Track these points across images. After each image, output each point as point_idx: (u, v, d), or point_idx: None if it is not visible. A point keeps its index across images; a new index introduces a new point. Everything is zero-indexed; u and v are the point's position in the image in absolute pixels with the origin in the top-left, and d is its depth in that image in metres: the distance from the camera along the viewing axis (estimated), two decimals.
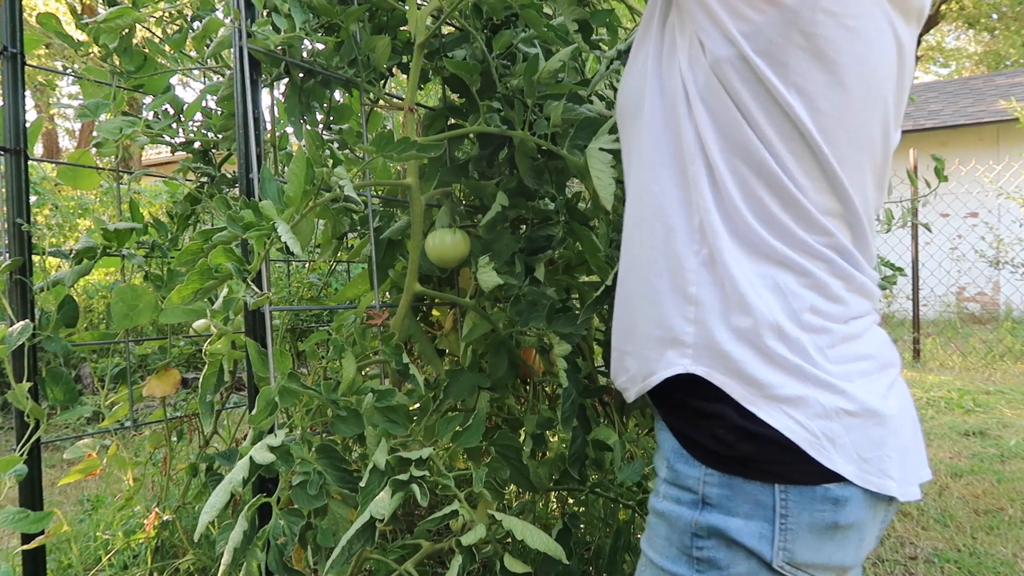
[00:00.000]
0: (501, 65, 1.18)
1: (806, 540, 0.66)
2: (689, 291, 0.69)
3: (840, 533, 0.66)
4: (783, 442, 0.65)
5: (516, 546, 1.46)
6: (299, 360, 2.26)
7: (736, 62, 0.66)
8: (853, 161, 0.68)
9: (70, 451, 1.47)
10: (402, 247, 1.39)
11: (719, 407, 0.67)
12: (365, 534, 0.91)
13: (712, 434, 0.68)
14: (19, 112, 1.33)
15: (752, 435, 0.66)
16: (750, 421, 0.66)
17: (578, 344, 1.39)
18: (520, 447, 1.17)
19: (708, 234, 0.69)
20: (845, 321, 0.69)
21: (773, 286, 0.67)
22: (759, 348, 0.66)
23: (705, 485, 0.69)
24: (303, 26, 1.08)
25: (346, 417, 0.99)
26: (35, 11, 7.56)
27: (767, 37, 0.64)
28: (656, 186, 0.73)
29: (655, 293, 0.73)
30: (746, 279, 0.67)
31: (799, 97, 0.65)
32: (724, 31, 0.66)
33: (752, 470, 0.66)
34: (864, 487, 0.65)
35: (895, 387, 0.72)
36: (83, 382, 4.19)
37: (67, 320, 1.35)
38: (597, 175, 0.96)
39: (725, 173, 0.68)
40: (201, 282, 0.88)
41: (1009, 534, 2.35)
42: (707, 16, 0.67)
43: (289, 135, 1.66)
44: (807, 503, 0.65)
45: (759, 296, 0.66)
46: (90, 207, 5.07)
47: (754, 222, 0.67)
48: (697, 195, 0.69)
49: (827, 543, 0.66)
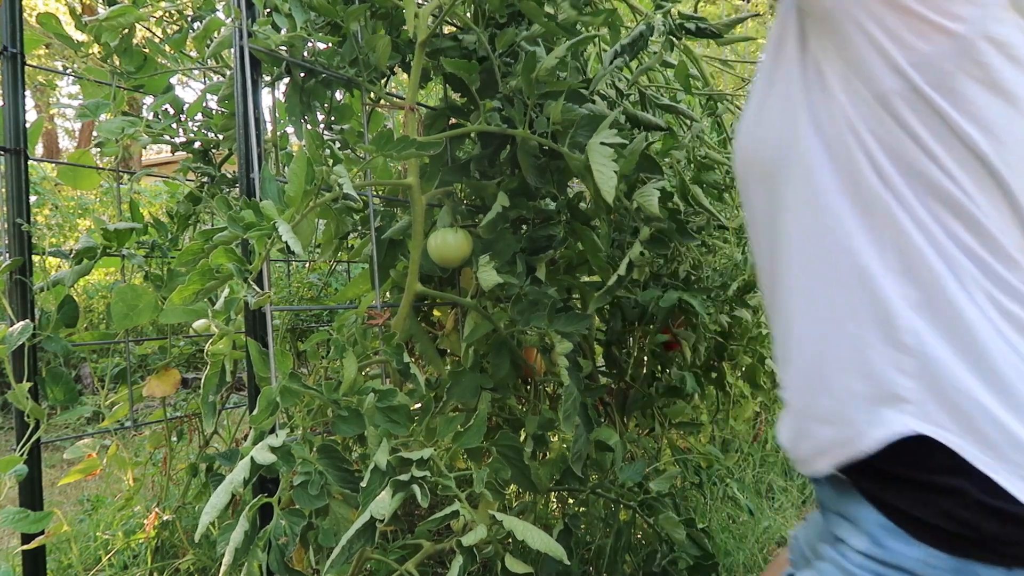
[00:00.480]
0: (503, 63, 1.18)
1: None
2: (906, 340, 0.61)
3: None
4: None
5: (517, 546, 1.46)
6: (300, 360, 2.26)
7: (907, 94, 0.60)
8: None
9: (70, 451, 1.47)
10: (403, 247, 1.39)
11: (954, 480, 0.59)
12: (365, 534, 0.90)
13: (943, 511, 0.59)
14: (19, 112, 1.33)
15: (997, 512, 0.57)
16: (994, 496, 0.57)
17: (579, 344, 1.39)
18: (521, 447, 1.17)
19: (919, 274, 0.61)
20: None
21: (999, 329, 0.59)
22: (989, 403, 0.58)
23: (929, 568, 0.60)
24: (304, 25, 1.07)
25: (347, 417, 0.99)
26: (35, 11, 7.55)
27: (939, 67, 0.59)
28: (839, 229, 0.65)
29: (858, 344, 0.64)
30: (971, 320, 0.59)
31: (979, 129, 0.60)
32: (891, 62, 0.61)
33: (993, 553, 0.58)
34: None
35: None
36: (83, 382, 4.19)
37: (67, 320, 1.35)
38: (599, 169, 0.96)
39: (919, 209, 0.61)
40: (202, 282, 0.87)
41: None
42: (870, 45, 0.61)
43: (290, 135, 1.65)
44: None
45: (992, 340, 0.59)
46: (90, 207, 5.07)
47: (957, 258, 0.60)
48: (894, 232, 0.62)
49: None
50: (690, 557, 1.39)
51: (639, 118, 1.31)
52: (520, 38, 1.16)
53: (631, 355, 1.76)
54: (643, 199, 1.00)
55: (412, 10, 1.10)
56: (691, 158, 1.59)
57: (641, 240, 1.03)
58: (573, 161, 1.12)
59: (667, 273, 1.67)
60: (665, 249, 1.15)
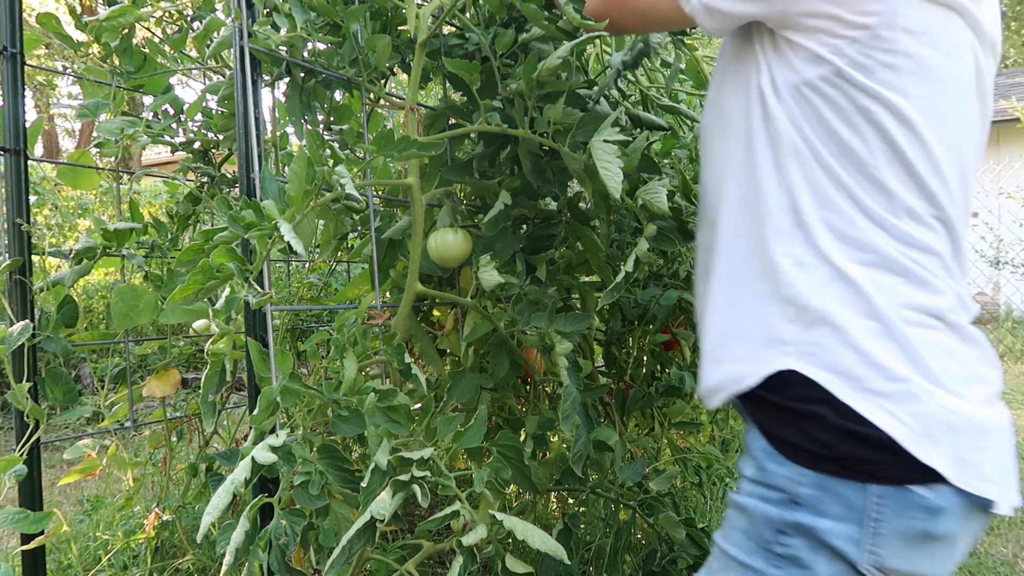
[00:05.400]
0: (503, 65, 1.18)
1: (896, 546, 0.65)
2: (786, 292, 0.71)
3: (931, 543, 0.66)
4: (881, 438, 0.65)
5: (517, 546, 1.46)
6: (300, 360, 2.26)
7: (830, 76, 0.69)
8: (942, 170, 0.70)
9: (70, 451, 1.47)
10: (403, 247, 1.39)
11: (816, 407, 0.68)
12: (365, 534, 0.90)
13: (809, 434, 0.68)
14: (19, 112, 1.33)
15: (850, 433, 0.66)
16: (848, 419, 0.66)
17: (578, 343, 1.39)
18: (521, 447, 1.17)
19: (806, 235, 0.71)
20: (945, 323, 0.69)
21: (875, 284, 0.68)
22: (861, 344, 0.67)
23: (796, 485, 0.69)
24: (304, 26, 1.07)
25: (347, 417, 0.99)
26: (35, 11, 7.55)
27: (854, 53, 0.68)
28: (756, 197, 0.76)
29: (746, 296, 0.75)
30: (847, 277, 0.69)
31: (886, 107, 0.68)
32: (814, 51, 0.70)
33: (847, 470, 0.66)
34: (961, 487, 0.64)
35: (995, 399, 0.71)
36: (83, 382, 4.19)
37: (67, 320, 1.35)
38: (604, 166, 0.96)
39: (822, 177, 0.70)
40: (202, 282, 0.87)
41: (1009, 534, 2.35)
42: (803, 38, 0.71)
43: (290, 135, 1.65)
44: (901, 509, 0.65)
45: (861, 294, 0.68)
46: (90, 207, 5.07)
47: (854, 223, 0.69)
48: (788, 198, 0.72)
49: (916, 552, 0.66)
50: (690, 557, 1.39)
51: (641, 118, 1.31)
52: (521, 40, 1.16)
53: (631, 355, 1.76)
54: (649, 196, 1.00)
55: (412, 10, 1.10)
56: (692, 156, 1.59)
57: (647, 237, 1.03)
58: (572, 162, 1.12)
59: (667, 273, 1.67)
60: (671, 246, 1.15)
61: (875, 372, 0.66)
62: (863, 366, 0.66)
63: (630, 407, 1.68)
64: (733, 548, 0.74)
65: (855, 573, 0.66)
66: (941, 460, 0.64)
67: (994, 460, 0.67)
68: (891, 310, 0.67)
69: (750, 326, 0.75)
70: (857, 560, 0.66)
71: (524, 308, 1.14)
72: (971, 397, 0.67)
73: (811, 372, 0.68)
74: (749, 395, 0.75)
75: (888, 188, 0.69)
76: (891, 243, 0.69)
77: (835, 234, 0.70)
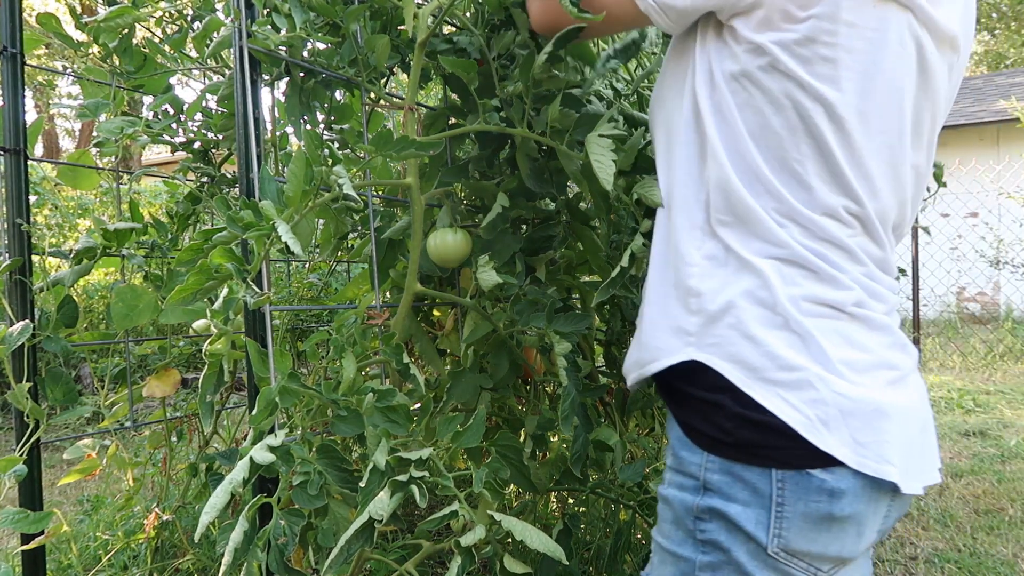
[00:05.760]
0: (501, 66, 1.18)
1: (801, 529, 0.67)
2: (691, 283, 0.73)
3: (836, 524, 0.68)
4: (778, 425, 0.67)
5: (516, 546, 1.46)
6: (299, 360, 2.26)
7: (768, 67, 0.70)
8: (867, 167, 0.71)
9: (70, 451, 1.47)
10: (403, 247, 1.39)
11: (718, 396, 0.70)
12: (364, 534, 0.90)
13: (714, 422, 0.71)
14: (19, 112, 1.33)
15: (749, 421, 0.68)
16: (747, 407, 0.69)
17: (578, 343, 1.39)
18: (521, 447, 1.17)
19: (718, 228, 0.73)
20: (846, 312, 0.70)
21: (780, 277, 0.70)
22: (759, 335, 0.69)
23: (706, 471, 0.71)
24: (303, 26, 1.07)
25: (346, 417, 0.99)
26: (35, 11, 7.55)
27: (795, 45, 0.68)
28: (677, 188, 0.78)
29: (664, 286, 0.78)
30: (754, 270, 0.70)
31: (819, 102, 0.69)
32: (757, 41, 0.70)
33: (750, 455, 0.69)
34: (859, 470, 0.66)
35: (901, 383, 0.73)
36: (83, 382, 4.19)
37: (67, 320, 1.35)
38: (597, 159, 0.96)
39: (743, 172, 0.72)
40: (201, 282, 0.87)
41: (1009, 534, 2.35)
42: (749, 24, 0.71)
43: (289, 135, 1.65)
44: (802, 492, 0.67)
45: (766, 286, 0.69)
46: (90, 207, 5.07)
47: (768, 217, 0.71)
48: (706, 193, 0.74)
49: (823, 533, 0.68)
50: None
51: (635, 118, 1.31)
52: (518, 41, 1.16)
53: None
54: (644, 190, 1.00)
55: (411, 10, 1.10)
56: None
57: (643, 232, 1.03)
58: (569, 163, 1.12)
59: None
60: None
61: (772, 362, 0.68)
62: (761, 356, 0.68)
63: (630, 407, 1.68)
64: (666, 541, 0.76)
65: (766, 556, 0.68)
66: (837, 445, 0.66)
67: (897, 442, 0.68)
68: (792, 302, 0.69)
69: (659, 315, 0.78)
70: (766, 544, 0.68)
71: (523, 308, 1.14)
72: (871, 383, 0.69)
73: (713, 362, 0.71)
74: (663, 384, 0.78)
75: (809, 183, 0.70)
76: (803, 238, 0.70)
77: (747, 228, 0.71)
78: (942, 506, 2.62)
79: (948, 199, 7.51)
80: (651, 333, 0.78)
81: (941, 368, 5.68)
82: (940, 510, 2.57)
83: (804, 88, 0.69)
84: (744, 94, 0.72)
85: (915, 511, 2.56)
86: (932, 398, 4.48)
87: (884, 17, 0.68)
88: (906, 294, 6.68)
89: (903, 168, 0.74)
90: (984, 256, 7.49)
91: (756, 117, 0.71)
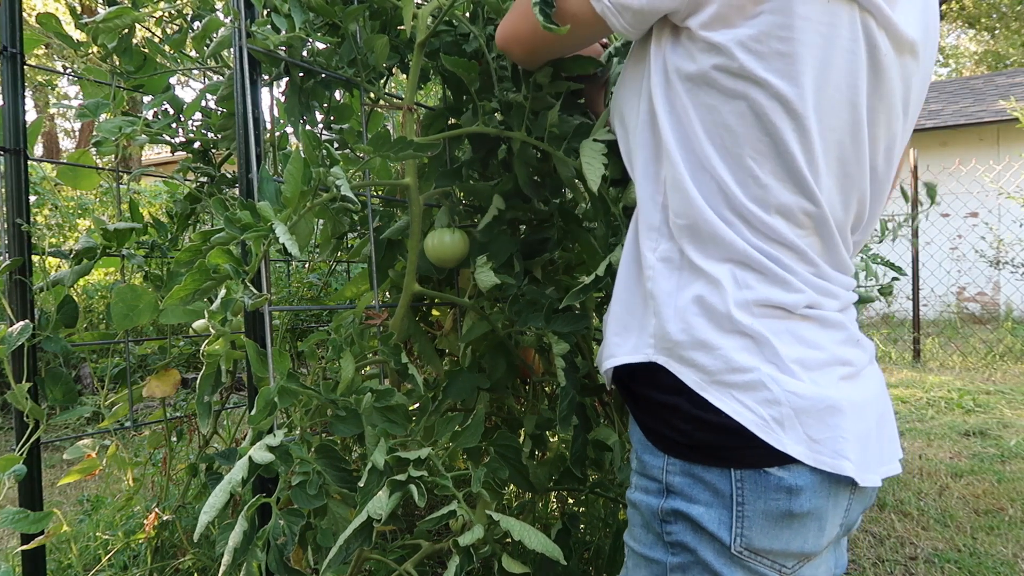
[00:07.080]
0: (499, 68, 1.18)
1: (762, 527, 0.68)
2: (648, 286, 0.75)
3: (797, 521, 0.68)
4: (734, 427, 0.68)
5: (516, 546, 1.46)
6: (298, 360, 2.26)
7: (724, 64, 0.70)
8: (819, 166, 0.71)
9: (70, 451, 1.47)
10: (402, 247, 1.39)
11: (675, 398, 0.71)
12: (362, 534, 0.91)
13: (670, 424, 0.72)
14: (19, 112, 1.33)
15: (705, 423, 0.69)
16: (703, 409, 0.69)
17: (577, 343, 1.39)
18: (519, 447, 1.17)
19: (672, 231, 0.74)
20: (798, 314, 0.71)
21: (733, 280, 0.70)
22: (711, 339, 0.70)
23: (667, 474, 0.72)
24: (303, 26, 1.08)
25: (345, 417, 0.99)
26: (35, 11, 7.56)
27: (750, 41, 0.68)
28: (639, 191, 0.79)
29: (626, 286, 0.79)
30: (706, 274, 0.71)
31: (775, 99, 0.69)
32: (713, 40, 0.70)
33: (708, 457, 0.70)
34: (816, 467, 0.67)
35: (855, 378, 0.74)
36: (83, 382, 4.19)
37: (67, 320, 1.35)
38: (588, 162, 0.98)
39: (696, 174, 0.72)
40: (199, 282, 0.88)
41: (1009, 534, 2.35)
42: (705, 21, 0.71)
43: (289, 135, 1.66)
44: (761, 491, 0.68)
45: (718, 289, 0.70)
46: (90, 207, 5.08)
47: (721, 220, 0.71)
48: (663, 194, 0.75)
49: (784, 530, 0.69)
50: None
51: None
52: None
53: None
54: (628, 194, 1.02)
55: (411, 10, 1.10)
56: None
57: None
58: (564, 168, 1.12)
59: None
60: None
61: (725, 365, 0.69)
62: (714, 360, 0.69)
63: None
64: (637, 545, 0.77)
65: (730, 555, 0.69)
66: (792, 443, 0.67)
67: (852, 437, 0.69)
68: (743, 307, 0.69)
69: (623, 312, 0.79)
70: (729, 543, 0.68)
71: (521, 309, 1.14)
72: (824, 380, 0.70)
73: (669, 364, 0.71)
74: (623, 386, 0.79)
75: (764, 183, 0.70)
76: (754, 239, 0.71)
77: (699, 230, 0.72)
78: (942, 506, 2.62)
79: (948, 199, 7.51)
80: (613, 330, 0.80)
81: (941, 368, 5.68)
82: (940, 510, 2.57)
83: (761, 85, 0.68)
84: (699, 93, 0.71)
85: (915, 511, 2.56)
86: (932, 398, 4.48)
87: (835, 12, 0.68)
88: (906, 294, 6.69)
89: (853, 167, 0.74)
90: (984, 256, 7.49)
91: (711, 115, 0.71)
